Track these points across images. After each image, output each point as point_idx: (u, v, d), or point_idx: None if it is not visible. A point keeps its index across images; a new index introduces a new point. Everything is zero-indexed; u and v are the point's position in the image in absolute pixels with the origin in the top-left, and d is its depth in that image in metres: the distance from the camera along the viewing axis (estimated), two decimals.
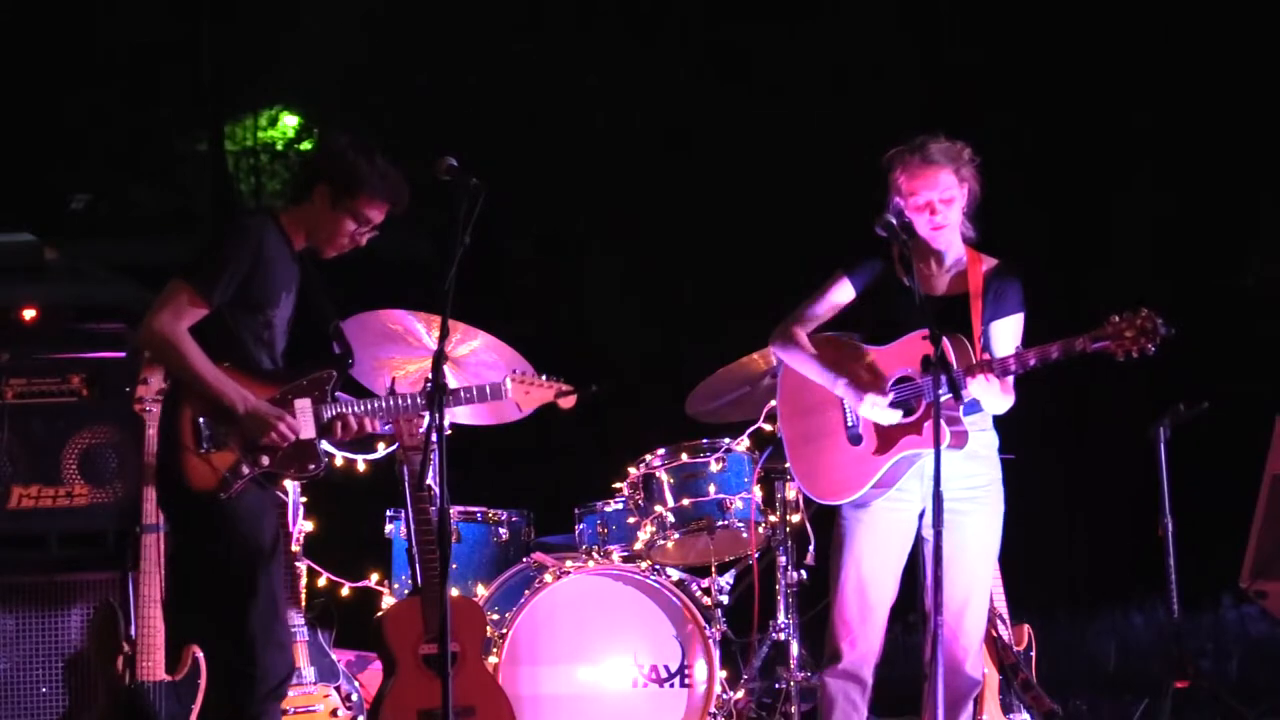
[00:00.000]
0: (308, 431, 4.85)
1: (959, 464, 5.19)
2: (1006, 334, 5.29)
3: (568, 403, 5.42)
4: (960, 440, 5.12)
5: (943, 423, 5.00)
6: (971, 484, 5.26)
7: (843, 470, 5.29)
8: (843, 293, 5.35)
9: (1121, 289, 9.83)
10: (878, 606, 5.31)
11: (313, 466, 4.89)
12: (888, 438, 5.23)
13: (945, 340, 5.03)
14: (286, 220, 4.94)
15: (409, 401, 5.08)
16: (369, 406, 5.02)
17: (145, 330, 4.78)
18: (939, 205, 5.21)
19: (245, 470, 4.77)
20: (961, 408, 5.10)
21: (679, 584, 6.32)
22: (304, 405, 4.86)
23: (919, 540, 5.33)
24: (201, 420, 4.76)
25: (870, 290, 5.33)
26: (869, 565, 5.29)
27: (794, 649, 6.33)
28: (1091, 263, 10.27)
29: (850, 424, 5.29)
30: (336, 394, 4.94)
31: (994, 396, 5.12)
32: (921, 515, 5.30)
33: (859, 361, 5.28)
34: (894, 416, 5.18)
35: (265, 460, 4.80)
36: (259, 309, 4.84)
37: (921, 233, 5.26)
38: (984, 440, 5.29)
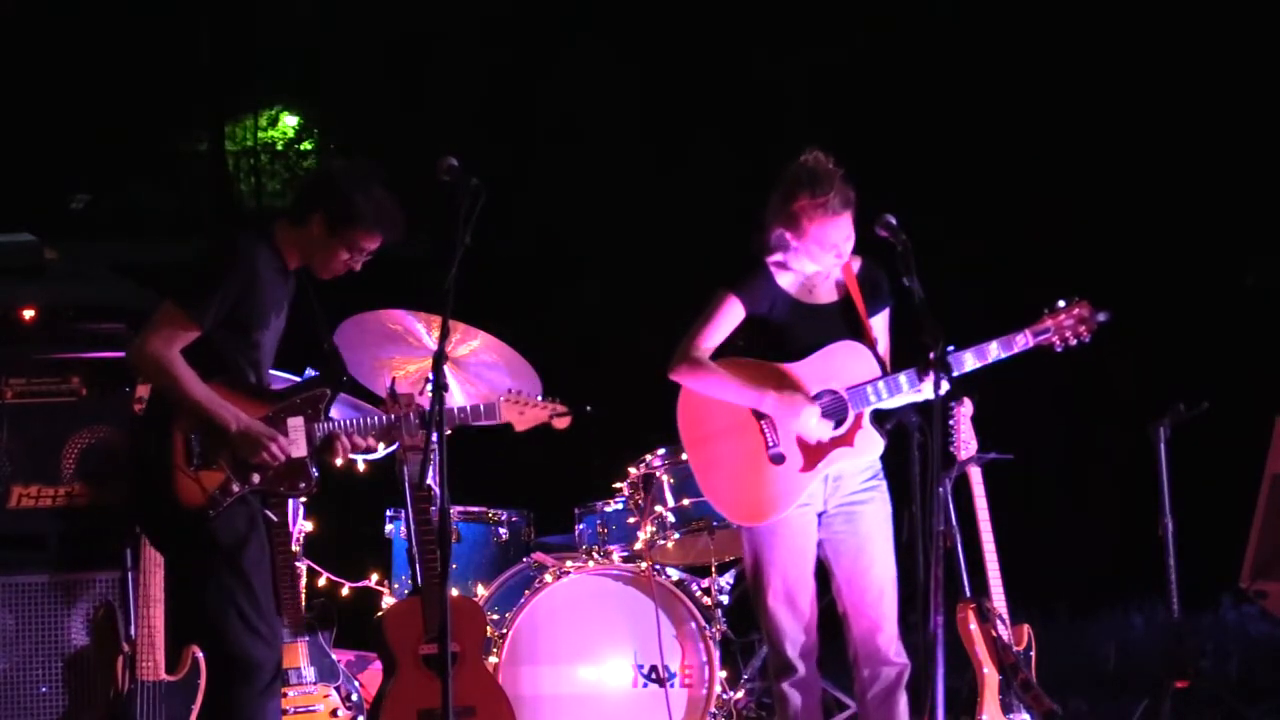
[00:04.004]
0: (299, 450, 4.85)
1: (844, 456, 5.32)
2: (881, 328, 5.42)
3: (562, 423, 5.43)
4: (885, 441, 5.31)
5: (874, 429, 5.27)
6: (866, 476, 5.39)
7: (766, 490, 5.28)
8: (735, 313, 5.34)
9: (1122, 290, 9.84)
10: (808, 609, 5.38)
11: (304, 485, 4.89)
12: (815, 453, 5.26)
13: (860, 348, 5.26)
14: (281, 238, 4.93)
15: (404, 420, 5.09)
16: (363, 424, 5.03)
17: (137, 354, 4.76)
18: (844, 246, 5.28)
19: (235, 489, 4.78)
20: (870, 411, 5.29)
21: (679, 584, 6.32)
22: (297, 424, 4.87)
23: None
24: (192, 437, 4.76)
25: (761, 308, 5.34)
26: (792, 574, 5.35)
27: None
28: (1091, 264, 10.26)
29: (771, 444, 5.27)
30: (329, 413, 4.95)
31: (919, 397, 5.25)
32: (821, 516, 5.37)
33: (773, 380, 5.27)
34: (827, 428, 5.24)
35: (256, 479, 4.80)
36: (247, 331, 4.83)
37: (820, 266, 5.32)
38: None
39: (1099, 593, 9.23)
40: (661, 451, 6.50)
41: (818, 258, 5.29)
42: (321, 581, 6.44)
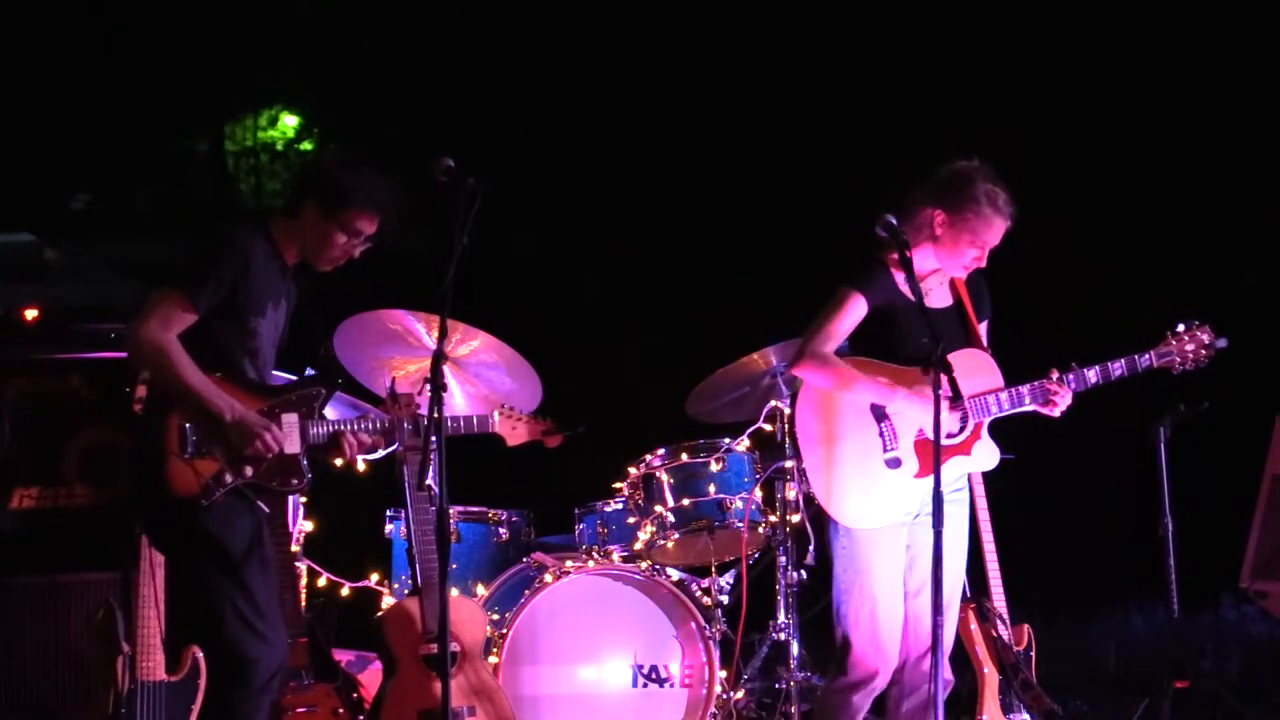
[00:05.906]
0: (292, 446, 4.86)
1: (959, 465, 5.30)
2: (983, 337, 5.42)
3: (553, 441, 5.44)
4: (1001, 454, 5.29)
5: (991, 440, 5.26)
6: (961, 483, 5.39)
7: (880, 494, 5.23)
8: (859, 310, 5.25)
9: (1123, 290, 9.84)
10: (898, 619, 5.33)
11: (295, 481, 4.90)
12: (930, 460, 5.19)
13: (987, 356, 5.24)
14: (278, 233, 4.95)
15: (400, 428, 5.11)
16: (368, 424, 5.04)
17: (133, 338, 4.76)
18: (983, 255, 5.28)
19: (228, 479, 4.79)
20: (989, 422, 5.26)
21: (679, 584, 6.32)
22: (291, 420, 4.88)
23: None
24: (187, 425, 4.76)
25: (880, 306, 5.27)
26: (888, 585, 5.30)
27: (794, 649, 6.34)
28: (1093, 264, 10.26)
29: (888, 447, 5.22)
30: (323, 412, 4.96)
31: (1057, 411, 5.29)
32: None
33: (899, 380, 5.21)
34: (955, 421, 5.20)
35: (249, 471, 4.81)
36: (243, 317, 4.84)
37: (943, 265, 5.30)
38: None
39: (1099, 593, 9.23)
40: (661, 451, 6.50)
41: (954, 253, 5.24)
42: (321, 581, 6.44)
